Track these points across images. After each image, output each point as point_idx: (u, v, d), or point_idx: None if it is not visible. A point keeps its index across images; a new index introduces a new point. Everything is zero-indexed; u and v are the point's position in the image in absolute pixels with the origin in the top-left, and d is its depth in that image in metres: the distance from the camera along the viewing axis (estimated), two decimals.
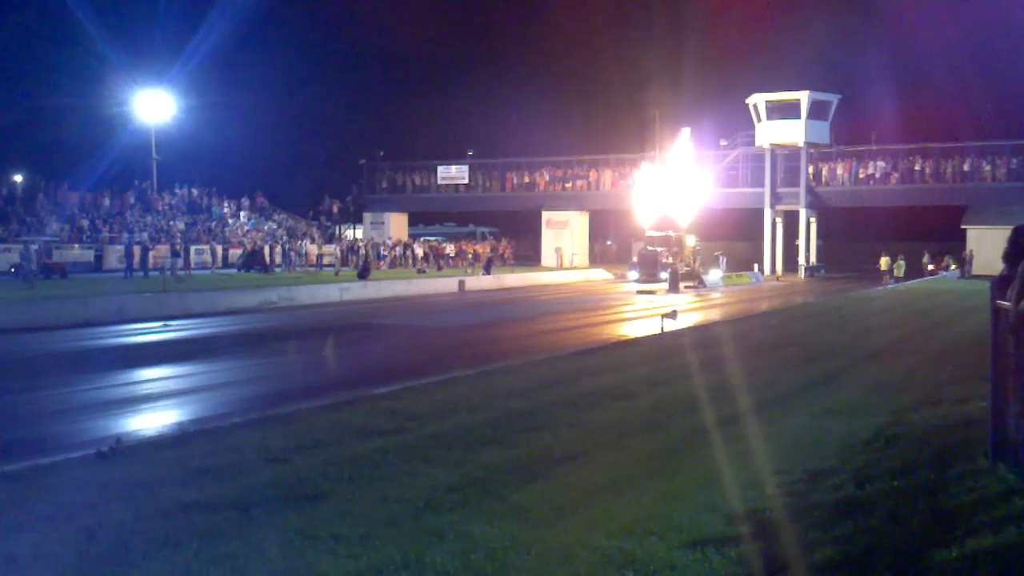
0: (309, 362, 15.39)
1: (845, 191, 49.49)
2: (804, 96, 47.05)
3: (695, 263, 39.95)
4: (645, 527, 5.22)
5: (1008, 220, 30.28)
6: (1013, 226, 6.42)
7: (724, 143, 51.64)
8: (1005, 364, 6.04)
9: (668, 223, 42.37)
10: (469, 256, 51.51)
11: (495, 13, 79.06)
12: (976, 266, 41.91)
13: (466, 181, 57.18)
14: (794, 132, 47.70)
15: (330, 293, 28.33)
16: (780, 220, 49.98)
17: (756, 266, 47.49)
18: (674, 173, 42.95)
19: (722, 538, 5.03)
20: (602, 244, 65.59)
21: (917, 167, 47.85)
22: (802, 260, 48.71)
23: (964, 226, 47.17)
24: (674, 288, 33.77)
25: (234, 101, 59.49)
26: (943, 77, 58.04)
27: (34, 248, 33.22)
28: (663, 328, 16.89)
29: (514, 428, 7.92)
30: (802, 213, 48.55)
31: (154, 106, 47.06)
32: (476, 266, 44.97)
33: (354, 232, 57.53)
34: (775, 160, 49.21)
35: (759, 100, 48.14)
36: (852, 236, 56.82)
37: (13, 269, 31.68)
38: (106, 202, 44.84)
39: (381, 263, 46.47)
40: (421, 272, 42.80)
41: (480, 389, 9.97)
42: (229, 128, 58.17)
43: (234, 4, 48.40)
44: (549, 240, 55.53)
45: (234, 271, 39.92)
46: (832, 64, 52.38)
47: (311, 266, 44.31)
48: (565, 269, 48.92)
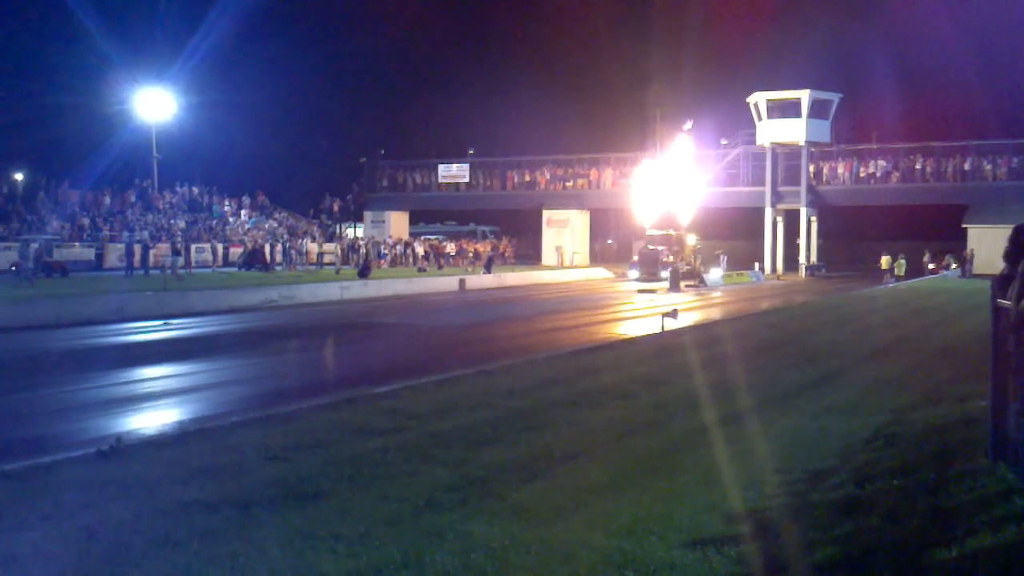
0: (309, 361, 15.38)
1: (846, 190, 49.46)
2: (805, 95, 47.01)
3: (696, 262, 39.95)
4: (645, 527, 5.22)
5: (1008, 219, 30.31)
6: (1014, 225, 6.43)
7: (725, 142, 51.63)
8: (1005, 363, 6.04)
9: (669, 222, 42.38)
10: (470, 255, 51.51)
11: (496, 12, 79.07)
12: (977, 265, 41.92)
13: (467, 180, 57.18)
14: (795, 131, 47.67)
15: (331, 292, 28.33)
16: (781, 219, 49.96)
17: (757, 265, 47.45)
18: (674, 171, 42.94)
19: (722, 538, 5.03)
20: (603, 243, 65.58)
21: (918, 166, 47.84)
22: (803, 259, 48.69)
23: (965, 225, 47.15)
24: (675, 287, 33.78)
25: (235, 100, 59.61)
26: (944, 76, 58.12)
27: (34, 247, 33.25)
28: (663, 327, 16.89)
29: (514, 427, 7.93)
30: (803, 212, 48.53)
31: (155, 104, 47.08)
32: (477, 265, 44.98)
33: (355, 231, 57.52)
34: (776, 159, 49.19)
35: (760, 99, 48.11)
36: (853, 235, 56.82)
37: (14, 267, 31.73)
38: (107, 200, 44.86)
39: (382, 262, 46.48)
40: (422, 271, 42.81)
41: (480, 388, 9.98)
42: (230, 126, 58.25)
43: (235, 3, 48.47)
44: (550, 239, 55.52)
45: (235, 270, 39.93)
46: (833, 63, 52.44)
47: (312, 265, 44.32)
48: (566, 268, 48.90)
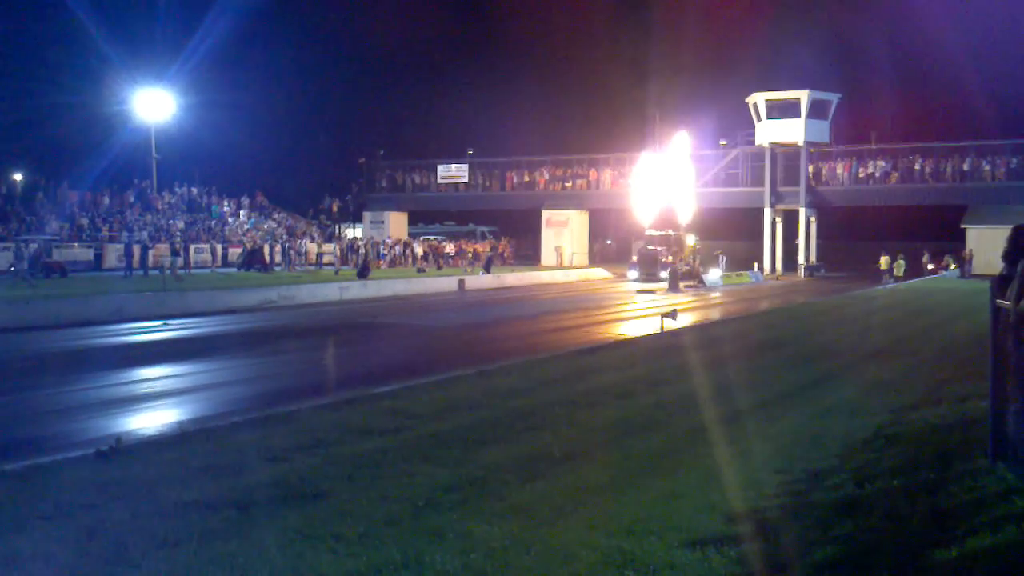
0: (309, 361, 15.37)
1: (845, 190, 49.46)
2: (804, 95, 47.03)
3: (695, 262, 39.96)
4: (645, 527, 5.22)
5: (1008, 219, 30.30)
6: (1013, 225, 6.44)
7: (724, 142, 51.66)
8: (1005, 363, 6.04)
9: (668, 222, 42.39)
10: (469, 255, 51.48)
11: (495, 12, 79.08)
12: (976, 265, 41.94)
13: (466, 180, 57.16)
14: (794, 131, 47.68)
15: (330, 292, 28.34)
16: (780, 219, 49.97)
17: (756, 265, 47.46)
18: (673, 172, 42.95)
19: (722, 538, 5.03)
20: (602, 243, 65.58)
21: (917, 166, 47.84)
22: (802, 259, 48.70)
23: (964, 225, 47.16)
24: (674, 287, 33.80)
25: (234, 100, 59.49)
26: (943, 77, 58.13)
27: (33, 246, 33.24)
28: (663, 327, 16.89)
29: (514, 427, 7.93)
30: (802, 212, 48.53)
31: (154, 105, 47.00)
32: (476, 265, 44.95)
33: (354, 231, 57.51)
34: (775, 159, 49.20)
35: (759, 99, 48.13)
36: (852, 235, 56.81)
37: (13, 268, 31.74)
38: (106, 201, 44.81)
39: (381, 262, 46.47)
40: (421, 271, 42.79)
41: (480, 388, 9.97)
42: (229, 127, 58.13)
43: (234, 3, 48.41)
44: (549, 239, 55.51)
45: (234, 270, 39.89)
46: (832, 63, 52.33)
47: (311, 265, 44.30)
48: (565, 268, 48.90)
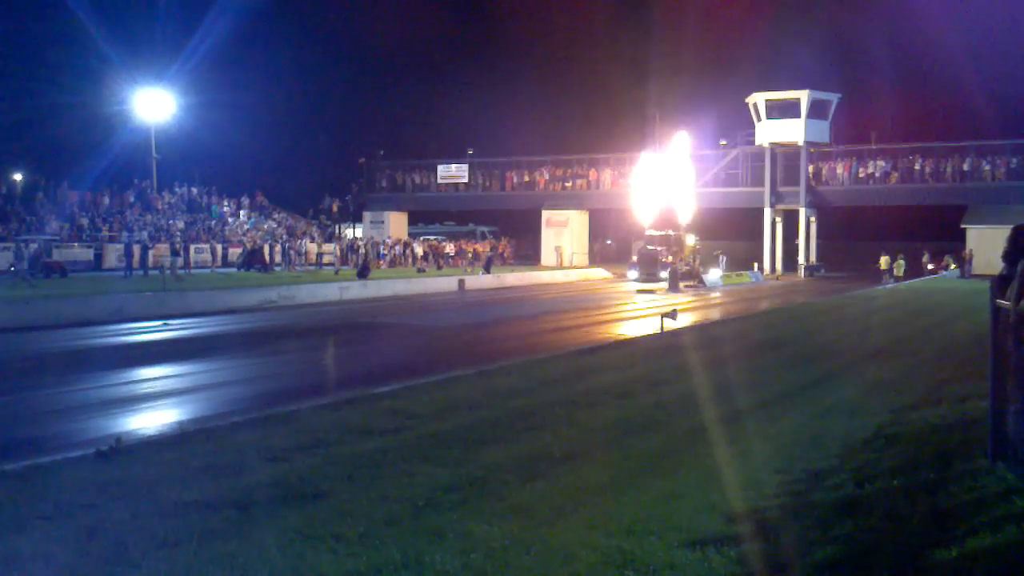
0: (309, 361, 15.37)
1: (845, 190, 49.46)
2: (804, 95, 47.02)
3: (695, 262, 39.95)
4: (645, 527, 5.22)
5: (1008, 219, 30.30)
6: (1013, 225, 6.43)
7: (724, 142, 51.64)
8: (1005, 363, 6.04)
9: (668, 222, 42.38)
10: (469, 255, 51.47)
11: (495, 12, 79.10)
12: (976, 265, 41.93)
13: (466, 180, 57.14)
14: (794, 131, 47.68)
15: (330, 292, 28.34)
16: (780, 219, 49.97)
17: (756, 265, 47.47)
18: (672, 172, 42.94)
19: (722, 538, 5.03)
20: (602, 243, 65.57)
21: (917, 166, 47.83)
22: (802, 259, 48.71)
23: (964, 225, 47.16)
24: (674, 287, 33.80)
25: (234, 100, 59.47)
26: (943, 76, 58.13)
27: (33, 246, 33.23)
28: (663, 327, 16.89)
29: (514, 427, 7.93)
30: (802, 212, 48.54)
31: (154, 105, 46.99)
32: (476, 265, 44.95)
33: (354, 231, 57.51)
34: (775, 159, 49.19)
35: (759, 99, 48.12)
36: (852, 235, 56.81)
37: (12, 268, 31.75)
38: (106, 201, 44.81)
39: (381, 262, 46.46)
40: (421, 271, 42.79)
41: (480, 388, 9.97)
42: (229, 127, 58.11)
43: (234, 3, 48.40)
44: (549, 239, 55.51)
45: (234, 270, 39.89)
46: (832, 63, 52.34)
47: (311, 265, 44.29)
48: (565, 268, 48.90)
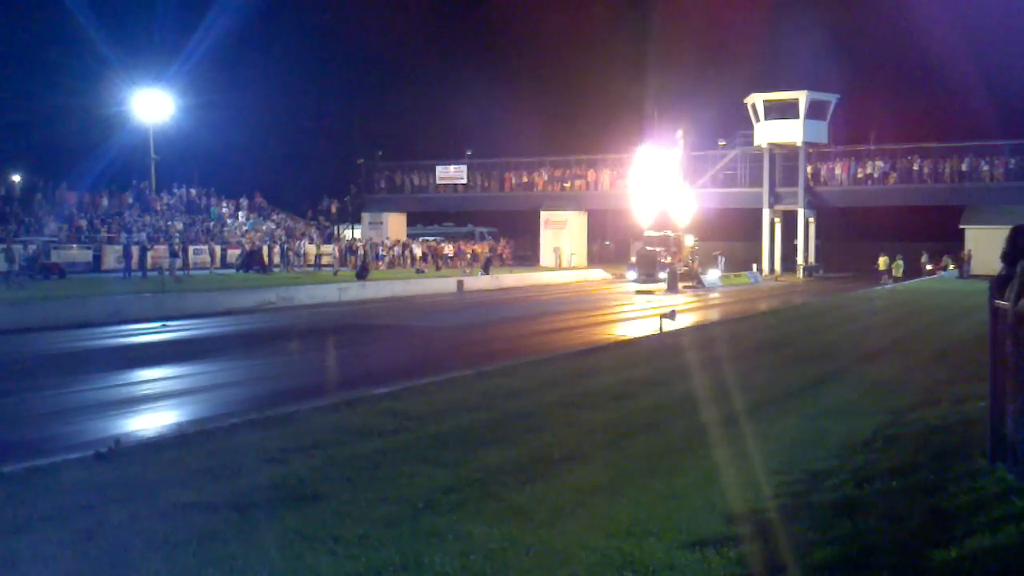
0: (307, 362, 15.37)
1: (843, 191, 49.49)
2: (802, 96, 47.05)
3: (693, 263, 39.96)
4: (644, 527, 5.22)
5: (1006, 220, 30.32)
6: (1011, 226, 6.44)
7: (722, 143, 51.62)
8: (1003, 364, 6.04)
9: (666, 223, 42.38)
10: (467, 256, 51.46)
11: (493, 13, 79.07)
12: (974, 266, 41.95)
13: (464, 181, 57.13)
14: (792, 132, 47.71)
15: (328, 293, 28.32)
16: (778, 220, 49.98)
17: (755, 266, 47.48)
18: (670, 172, 42.92)
19: (721, 538, 5.03)
20: (600, 244, 65.59)
21: (915, 167, 47.86)
22: (800, 260, 48.75)
23: (962, 226, 47.20)
24: (673, 288, 33.79)
25: (232, 101, 59.49)
26: (942, 77, 58.14)
27: (32, 247, 33.17)
28: (662, 328, 16.89)
29: (513, 428, 7.92)
30: (800, 213, 48.56)
31: (152, 106, 46.98)
32: (475, 266, 44.93)
33: (352, 232, 57.49)
34: (773, 160, 49.22)
35: (757, 100, 48.15)
36: (850, 236, 56.83)
37: (3, 271, 31.58)
38: (104, 202, 44.78)
39: (379, 263, 46.45)
40: (419, 272, 42.79)
41: (479, 390, 9.97)
42: (228, 128, 58.10)
43: (232, 4, 48.40)
44: (547, 240, 55.52)
45: (232, 271, 39.89)
46: (830, 64, 52.34)
47: (309, 266, 44.26)
48: (563, 269, 48.91)
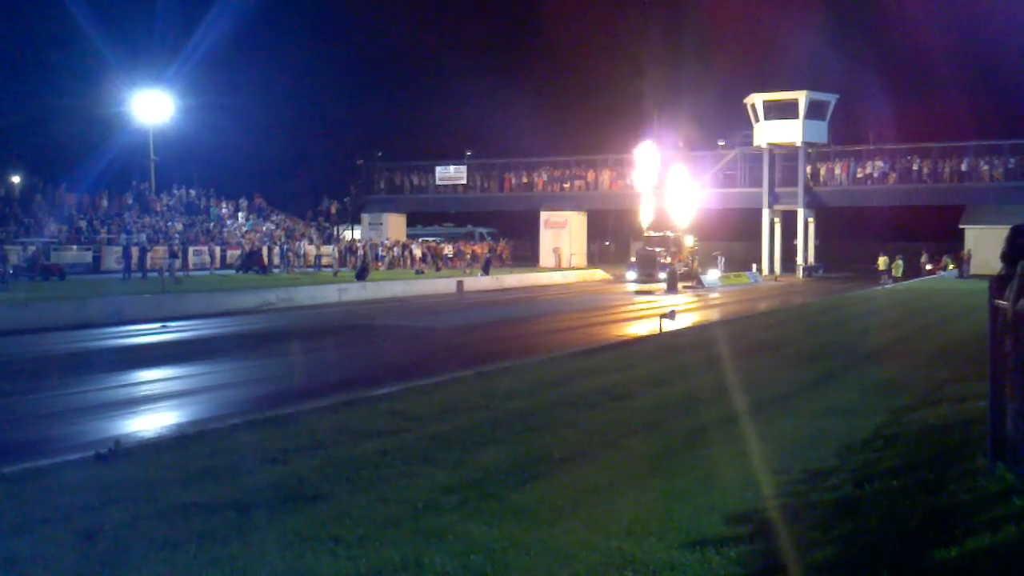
0: (307, 363, 15.37)
1: (843, 191, 49.48)
2: (802, 96, 47.06)
3: (693, 263, 39.98)
4: (644, 527, 5.22)
5: (1006, 220, 30.24)
6: (1011, 226, 6.43)
7: (722, 143, 51.64)
8: (1003, 363, 6.04)
9: (666, 223, 42.40)
10: (467, 257, 51.44)
11: (494, 14, 79.11)
12: (974, 266, 41.95)
13: (464, 181, 57.11)
14: (792, 132, 47.72)
15: (328, 294, 28.33)
16: (778, 220, 49.99)
17: (754, 266, 47.49)
18: (670, 172, 42.96)
19: (721, 538, 5.03)
20: (600, 244, 65.60)
21: (915, 167, 47.86)
22: (800, 260, 48.76)
23: (962, 226, 47.19)
24: (672, 288, 33.81)
25: (232, 102, 59.60)
26: (941, 77, 58.24)
27: (32, 249, 33.17)
28: (662, 328, 16.90)
29: (513, 429, 7.93)
30: (800, 213, 48.57)
31: (152, 107, 46.94)
32: (474, 267, 44.93)
33: (352, 233, 57.47)
34: (773, 160, 49.22)
35: (757, 100, 48.16)
36: (850, 236, 56.88)
37: (12, 270, 31.67)
38: (104, 203, 44.75)
39: (379, 264, 46.42)
40: (419, 273, 42.77)
41: (479, 390, 9.97)
42: (227, 129, 58.16)
43: (232, 4, 48.40)
44: (547, 240, 55.51)
45: (232, 272, 39.85)
46: (830, 64, 52.45)
47: (309, 267, 44.23)
48: (563, 269, 48.91)
